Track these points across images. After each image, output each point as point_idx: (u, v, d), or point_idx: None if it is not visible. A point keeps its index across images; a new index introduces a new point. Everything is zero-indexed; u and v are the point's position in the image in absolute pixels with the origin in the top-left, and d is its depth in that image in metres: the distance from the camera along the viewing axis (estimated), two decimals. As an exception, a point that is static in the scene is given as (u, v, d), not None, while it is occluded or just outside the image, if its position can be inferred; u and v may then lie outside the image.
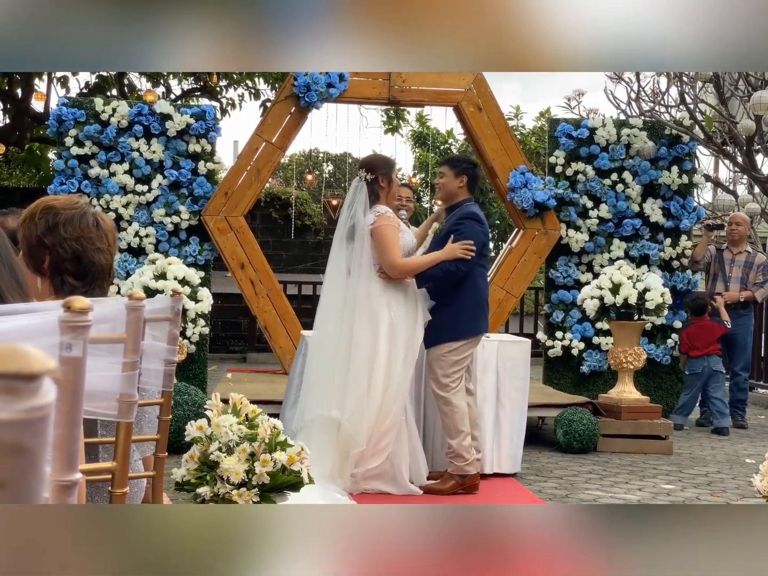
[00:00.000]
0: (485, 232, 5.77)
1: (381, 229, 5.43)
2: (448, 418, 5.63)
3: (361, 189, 5.54)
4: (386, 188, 5.60)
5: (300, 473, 3.82)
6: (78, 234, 2.41)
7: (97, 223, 2.45)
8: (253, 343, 14.01)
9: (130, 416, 2.00)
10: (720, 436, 8.13)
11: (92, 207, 2.52)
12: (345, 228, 5.56)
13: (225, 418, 3.85)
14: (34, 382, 0.60)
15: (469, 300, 5.64)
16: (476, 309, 5.67)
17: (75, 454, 1.17)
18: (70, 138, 8.46)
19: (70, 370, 1.16)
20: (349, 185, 5.80)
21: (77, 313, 1.21)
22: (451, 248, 5.54)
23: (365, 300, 5.45)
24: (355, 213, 5.51)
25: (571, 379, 8.92)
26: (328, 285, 5.70)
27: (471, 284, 5.65)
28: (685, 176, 8.92)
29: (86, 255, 2.41)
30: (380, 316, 5.44)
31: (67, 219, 2.42)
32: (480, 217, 5.76)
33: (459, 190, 5.77)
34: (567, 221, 8.89)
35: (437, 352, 5.62)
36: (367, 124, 14.12)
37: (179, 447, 5.01)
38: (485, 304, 5.79)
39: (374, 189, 5.54)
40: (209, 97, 15.17)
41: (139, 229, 8.52)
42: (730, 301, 8.66)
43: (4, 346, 0.59)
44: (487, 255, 5.91)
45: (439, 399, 5.64)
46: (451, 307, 5.63)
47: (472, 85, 8.75)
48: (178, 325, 2.46)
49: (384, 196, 5.59)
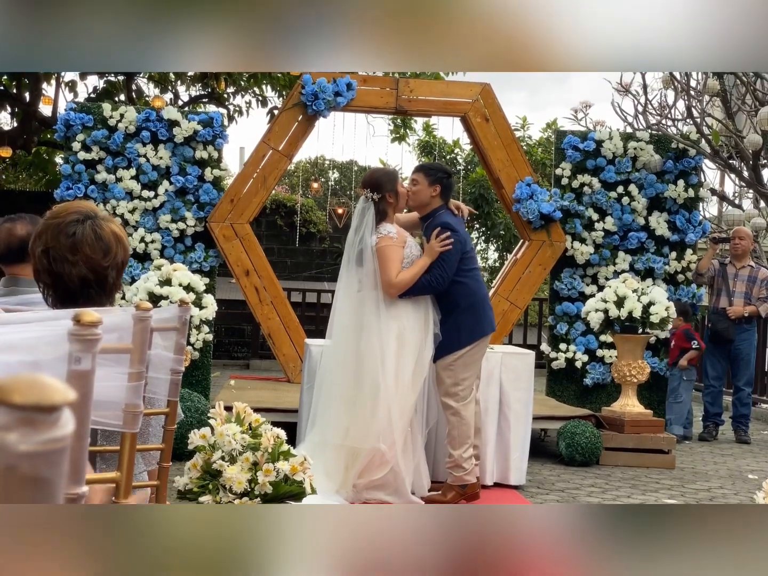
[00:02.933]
0: (461, 239, 5.65)
1: (381, 250, 5.44)
2: (454, 429, 5.61)
3: (369, 210, 5.51)
4: (395, 203, 5.59)
5: (302, 483, 3.82)
6: (47, 246, 2.36)
7: (74, 234, 2.37)
8: (257, 350, 14.01)
9: (135, 426, 2.00)
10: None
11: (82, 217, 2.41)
12: (355, 251, 5.53)
13: (228, 427, 3.85)
14: (54, 413, 0.60)
15: (466, 306, 5.62)
16: (475, 312, 5.64)
17: (82, 467, 1.17)
18: (77, 143, 8.48)
19: (79, 383, 1.16)
20: (355, 193, 5.78)
21: (87, 326, 1.21)
22: (430, 248, 5.55)
23: (375, 320, 5.46)
24: (363, 236, 5.50)
25: (575, 392, 8.91)
26: (338, 306, 5.67)
27: (463, 290, 5.64)
28: (691, 190, 8.92)
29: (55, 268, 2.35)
30: (390, 331, 5.44)
31: (45, 229, 2.39)
32: (451, 226, 5.64)
33: (432, 199, 5.73)
34: (572, 233, 8.89)
35: (445, 362, 5.61)
36: (374, 133, 14.15)
37: (182, 454, 5.01)
38: (484, 303, 5.74)
39: (382, 207, 5.52)
40: (216, 104, 15.19)
41: (145, 235, 8.53)
42: (735, 316, 8.65)
43: (24, 378, 0.59)
44: (473, 257, 5.84)
45: (448, 409, 5.62)
46: (451, 318, 5.63)
47: (480, 96, 8.76)
48: (185, 335, 2.46)
49: (392, 211, 5.59)
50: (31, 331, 1.34)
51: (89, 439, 1.27)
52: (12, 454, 0.58)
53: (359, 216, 5.57)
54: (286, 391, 7.88)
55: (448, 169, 6.14)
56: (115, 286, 2.47)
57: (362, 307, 5.50)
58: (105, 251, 2.39)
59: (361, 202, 5.62)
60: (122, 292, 8.18)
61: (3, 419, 0.58)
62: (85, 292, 2.37)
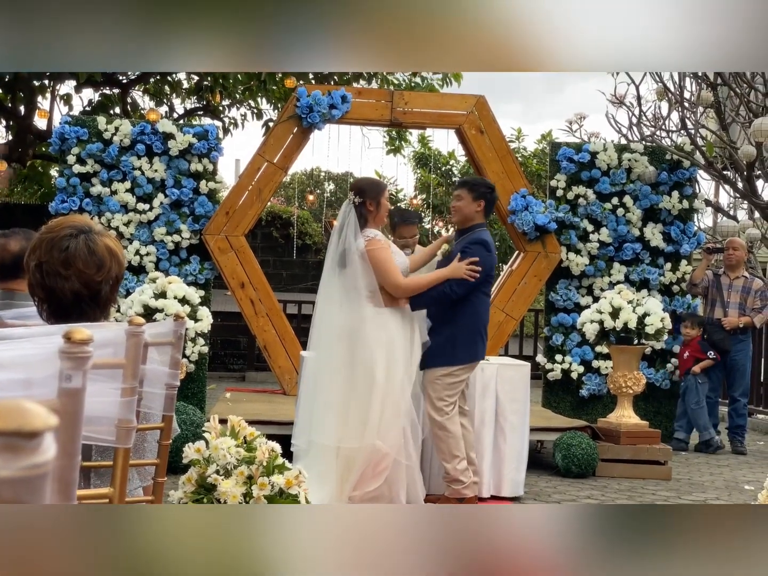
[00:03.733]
0: (492, 261, 5.73)
1: (375, 253, 5.40)
2: (442, 443, 5.63)
3: (350, 213, 5.52)
4: (374, 212, 5.54)
5: (298, 497, 3.80)
6: (40, 261, 2.35)
7: (67, 248, 2.38)
8: (253, 362, 13.99)
9: (128, 442, 1.99)
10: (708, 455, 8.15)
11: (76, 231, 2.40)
12: (337, 253, 5.51)
13: (223, 440, 3.84)
14: (35, 439, 0.59)
15: (467, 325, 5.62)
16: (474, 335, 5.65)
17: (73, 484, 1.17)
18: (72, 156, 8.48)
19: (70, 401, 1.16)
20: (345, 203, 5.78)
21: (77, 344, 1.21)
22: (457, 267, 5.53)
23: (360, 324, 5.42)
24: (345, 237, 5.48)
25: (570, 403, 8.90)
26: (321, 311, 5.62)
27: (470, 310, 5.63)
28: (686, 201, 8.94)
29: (47, 283, 2.35)
30: (377, 339, 5.41)
31: (38, 244, 2.38)
32: (489, 245, 5.71)
33: (476, 214, 5.77)
34: (567, 244, 8.90)
35: (431, 375, 5.63)
36: (369, 145, 14.14)
37: (177, 467, 4.99)
38: (483, 330, 5.76)
39: (362, 212, 5.50)
40: (212, 117, 15.20)
41: (140, 248, 8.53)
42: (730, 327, 8.66)
43: (5, 403, 0.59)
44: (491, 283, 5.88)
45: (434, 423, 5.64)
46: (448, 331, 5.61)
47: (474, 108, 8.78)
48: (180, 349, 2.45)
49: (372, 219, 5.55)
50: (23, 348, 1.33)
51: (80, 456, 1.27)
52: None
53: (342, 217, 5.57)
54: (282, 404, 7.87)
55: (490, 183, 6.17)
56: (110, 300, 2.46)
57: (348, 312, 5.46)
58: (98, 266, 2.38)
59: (345, 204, 5.63)
60: (117, 305, 8.17)
61: (-16, 445, 0.58)
62: (78, 306, 2.36)
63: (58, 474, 1.13)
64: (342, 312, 5.47)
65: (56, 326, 1.62)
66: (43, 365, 1.20)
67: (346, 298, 5.46)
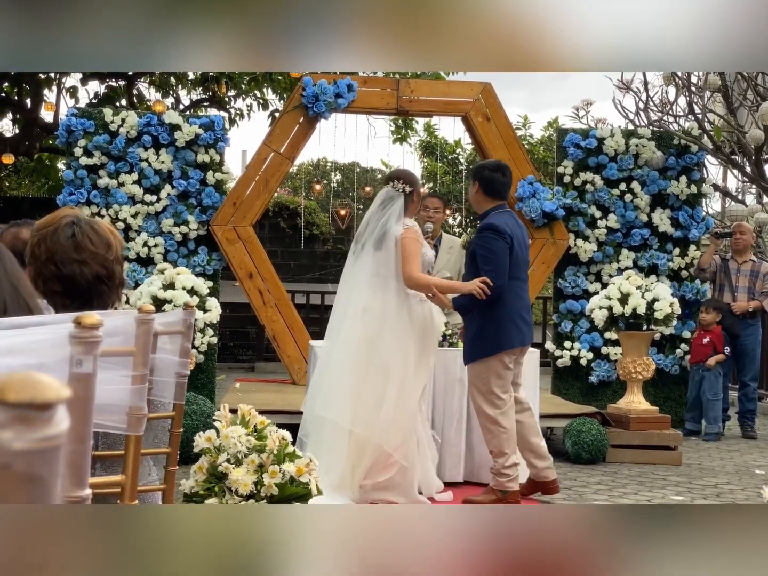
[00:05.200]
0: (499, 244, 5.39)
1: (407, 241, 5.41)
2: (494, 438, 5.45)
3: (398, 199, 5.49)
4: (416, 202, 5.67)
5: (308, 485, 3.81)
6: (51, 252, 2.37)
7: (73, 234, 2.39)
8: (262, 353, 14.01)
9: (140, 429, 2.00)
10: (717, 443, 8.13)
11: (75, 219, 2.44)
12: (374, 235, 5.49)
13: (233, 429, 3.85)
14: (48, 411, 0.60)
15: (494, 315, 5.43)
16: (503, 323, 5.44)
17: (85, 470, 1.17)
18: (79, 148, 8.49)
19: (81, 386, 1.16)
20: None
21: (87, 329, 1.21)
22: (472, 283, 5.37)
23: (382, 308, 5.44)
24: (387, 221, 5.47)
25: (580, 389, 8.90)
26: (349, 290, 5.58)
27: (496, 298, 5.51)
28: (694, 186, 8.91)
29: (64, 271, 2.36)
30: (398, 326, 5.42)
31: (41, 239, 2.39)
32: (497, 227, 5.40)
33: (477, 197, 5.59)
34: (575, 231, 8.88)
35: (471, 370, 5.51)
36: (375, 134, 14.13)
37: (188, 458, 5.01)
38: (517, 316, 5.48)
39: (408, 202, 5.52)
40: (218, 108, 15.20)
41: (148, 239, 8.54)
42: (739, 311, 8.63)
43: (17, 376, 0.59)
44: (515, 266, 5.48)
45: (486, 417, 5.46)
46: (477, 324, 5.48)
47: (481, 95, 8.76)
48: (190, 338, 2.46)
49: (412, 210, 5.63)
50: (34, 334, 1.34)
51: (92, 441, 1.27)
52: (6, 452, 0.58)
53: (383, 202, 5.52)
54: (292, 393, 7.88)
55: (492, 163, 5.82)
56: (121, 282, 2.49)
57: (383, 293, 5.45)
58: (107, 245, 2.42)
59: (388, 191, 5.55)
60: (126, 297, 8.19)
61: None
62: (99, 289, 2.39)
63: (70, 459, 1.13)
64: (368, 292, 5.46)
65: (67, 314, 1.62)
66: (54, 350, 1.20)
67: (375, 280, 5.46)
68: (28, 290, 1.95)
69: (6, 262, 1.94)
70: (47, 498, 0.61)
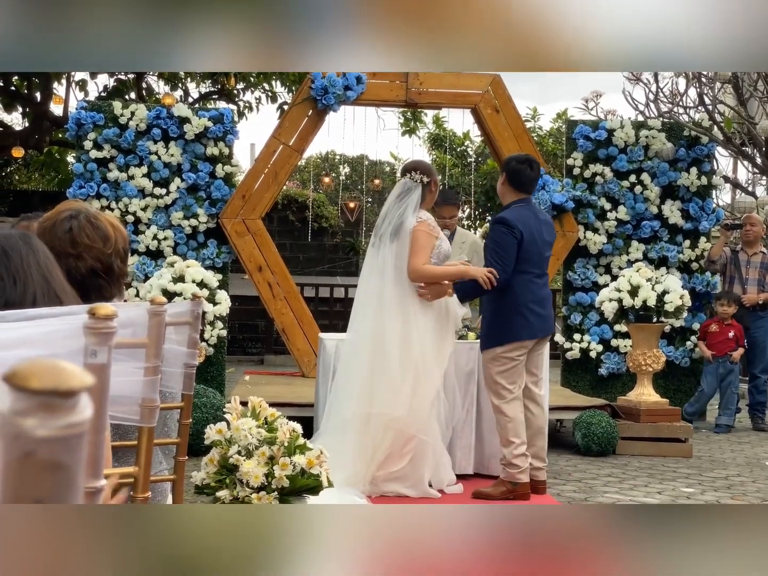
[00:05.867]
0: (507, 238, 5.44)
1: (417, 234, 5.43)
2: (499, 426, 5.56)
3: (415, 190, 5.51)
4: (434, 192, 5.64)
5: (319, 476, 3.82)
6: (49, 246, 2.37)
7: (70, 228, 2.40)
8: (271, 346, 14.03)
9: (153, 421, 2.00)
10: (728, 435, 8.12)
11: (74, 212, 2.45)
12: (391, 227, 5.50)
13: (244, 421, 3.86)
14: (72, 398, 0.60)
15: (503, 306, 5.51)
16: (512, 315, 5.49)
17: (100, 460, 1.18)
18: (89, 141, 8.50)
19: (95, 376, 1.16)
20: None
21: (102, 320, 1.22)
22: (479, 271, 5.44)
23: (399, 299, 5.46)
24: (404, 211, 5.48)
25: (590, 382, 8.89)
26: (369, 282, 5.62)
27: (505, 291, 5.51)
28: (704, 178, 8.88)
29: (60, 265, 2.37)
30: (415, 317, 5.45)
31: (41, 232, 2.40)
32: (508, 221, 5.46)
33: (503, 188, 5.65)
34: (585, 223, 8.87)
35: (483, 358, 5.63)
36: (384, 126, 14.07)
37: (198, 450, 5.02)
38: (525, 308, 5.51)
39: (425, 192, 5.54)
40: (227, 100, 15.20)
41: (158, 232, 8.55)
42: (750, 303, 8.61)
43: (41, 363, 0.59)
44: (526, 258, 5.51)
45: (492, 406, 5.60)
46: (489, 315, 5.62)
47: (490, 87, 8.74)
48: (198, 329, 2.47)
49: (429, 201, 5.62)
50: (48, 325, 1.34)
51: (107, 432, 1.27)
52: (30, 439, 0.58)
53: (401, 193, 5.54)
54: (301, 386, 7.89)
55: (522, 156, 5.87)
56: (123, 274, 2.49)
57: (400, 286, 5.47)
58: (104, 239, 2.41)
59: (405, 182, 5.58)
60: (137, 289, 8.21)
61: (21, 405, 0.58)
62: (96, 282, 2.38)
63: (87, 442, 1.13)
64: (386, 285, 5.49)
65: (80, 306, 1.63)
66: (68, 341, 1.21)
67: (393, 272, 5.48)
68: (59, 282, 1.96)
69: (39, 255, 1.94)
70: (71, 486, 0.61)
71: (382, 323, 5.45)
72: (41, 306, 1.78)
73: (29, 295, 1.85)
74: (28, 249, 1.93)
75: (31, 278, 1.88)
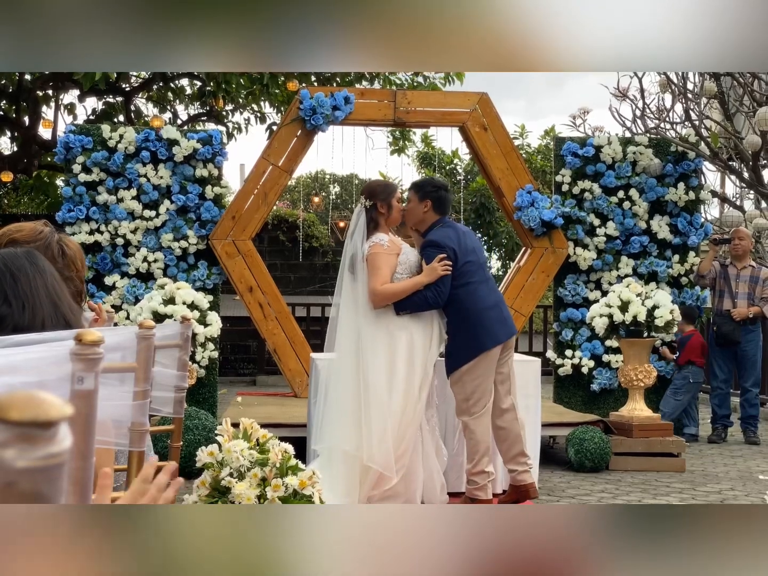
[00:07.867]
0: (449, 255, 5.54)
1: (371, 257, 5.45)
2: (466, 442, 5.67)
3: (361, 216, 5.55)
4: (386, 214, 5.56)
5: (312, 497, 3.81)
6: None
7: (63, 251, 2.41)
8: (263, 366, 14.00)
9: (142, 445, 2.00)
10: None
11: (56, 234, 2.48)
12: (347, 258, 5.57)
13: (236, 443, 3.85)
14: (51, 429, 0.60)
15: (459, 323, 5.58)
16: (471, 329, 5.56)
17: (88, 486, 1.17)
18: (77, 165, 8.50)
19: (82, 402, 1.16)
20: (355, 207, 5.81)
21: (88, 346, 1.22)
22: (432, 269, 5.49)
23: (375, 328, 5.45)
24: (355, 242, 5.53)
25: (582, 398, 8.89)
26: (339, 316, 5.65)
27: (456, 307, 5.55)
28: (692, 192, 8.92)
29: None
30: (399, 339, 5.44)
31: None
32: (437, 242, 5.56)
33: (425, 215, 5.70)
34: (574, 239, 8.89)
35: (452, 378, 5.64)
36: (373, 146, 14.16)
37: (190, 472, 5.00)
38: (482, 317, 5.59)
39: (373, 216, 5.53)
40: (215, 122, 15.21)
41: (148, 254, 8.55)
42: (740, 317, 8.63)
43: (20, 394, 0.59)
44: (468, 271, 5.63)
45: (461, 423, 5.68)
46: (451, 334, 5.65)
47: (477, 105, 8.78)
48: (187, 351, 2.47)
49: (383, 222, 5.57)
50: (34, 351, 1.34)
51: (95, 458, 1.27)
52: (10, 470, 0.59)
53: (353, 222, 5.61)
54: (294, 406, 7.88)
55: (438, 181, 6.02)
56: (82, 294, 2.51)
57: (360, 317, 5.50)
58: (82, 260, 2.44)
59: (357, 208, 5.67)
60: (127, 312, 8.19)
61: (0, 436, 0.58)
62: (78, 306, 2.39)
63: (72, 476, 1.14)
64: (357, 317, 5.50)
65: (67, 331, 1.63)
66: (55, 368, 1.20)
67: (359, 303, 5.49)
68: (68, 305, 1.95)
69: (46, 276, 1.93)
70: (50, 515, 0.61)
71: (364, 356, 5.45)
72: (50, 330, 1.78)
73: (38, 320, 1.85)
74: (35, 270, 1.92)
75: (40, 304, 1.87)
